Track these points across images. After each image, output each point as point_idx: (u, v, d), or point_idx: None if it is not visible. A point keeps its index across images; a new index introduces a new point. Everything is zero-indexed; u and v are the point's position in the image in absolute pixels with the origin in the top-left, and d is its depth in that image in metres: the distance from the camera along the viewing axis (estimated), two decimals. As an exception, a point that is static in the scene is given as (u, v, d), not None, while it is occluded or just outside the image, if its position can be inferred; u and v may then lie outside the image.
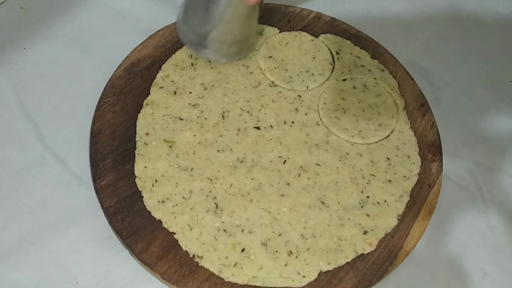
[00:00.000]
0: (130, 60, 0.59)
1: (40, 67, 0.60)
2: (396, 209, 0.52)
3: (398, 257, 0.50)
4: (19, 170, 0.54)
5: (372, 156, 0.55)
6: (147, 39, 0.60)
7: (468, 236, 0.54)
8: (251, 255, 0.48)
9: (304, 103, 0.57)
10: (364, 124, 0.56)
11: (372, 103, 0.58)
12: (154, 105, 0.56)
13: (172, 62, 0.59)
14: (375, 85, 0.59)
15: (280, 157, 0.54)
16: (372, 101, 0.58)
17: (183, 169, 0.52)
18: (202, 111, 0.56)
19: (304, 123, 0.56)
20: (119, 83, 0.57)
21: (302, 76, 0.59)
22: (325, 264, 0.49)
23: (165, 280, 0.47)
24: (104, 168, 0.52)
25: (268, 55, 0.60)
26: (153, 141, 0.54)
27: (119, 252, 0.50)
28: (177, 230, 0.49)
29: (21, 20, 0.63)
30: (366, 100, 0.58)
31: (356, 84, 0.59)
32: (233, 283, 0.47)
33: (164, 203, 0.50)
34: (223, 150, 0.54)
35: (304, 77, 0.59)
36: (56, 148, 0.55)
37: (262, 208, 0.51)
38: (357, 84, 0.59)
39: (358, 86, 0.59)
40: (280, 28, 0.63)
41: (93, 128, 0.54)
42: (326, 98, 0.58)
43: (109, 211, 0.50)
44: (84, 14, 0.65)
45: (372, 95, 0.58)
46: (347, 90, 0.58)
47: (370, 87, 0.59)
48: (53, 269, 0.49)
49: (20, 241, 0.50)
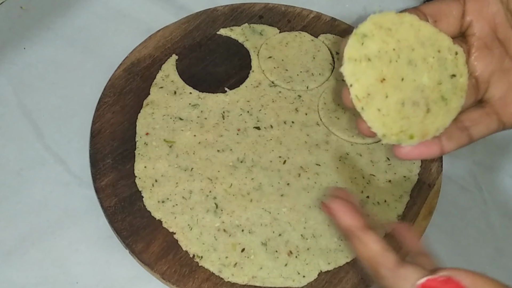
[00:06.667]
0: (130, 60, 0.59)
1: (40, 67, 0.60)
2: (396, 209, 0.52)
3: (398, 257, 0.50)
4: (19, 170, 0.54)
5: (372, 156, 0.55)
6: (147, 39, 0.60)
7: (468, 236, 0.54)
8: (251, 255, 0.48)
9: (304, 103, 0.57)
10: (364, 124, 0.56)
11: (372, 103, 0.58)
12: (154, 105, 0.56)
13: (172, 62, 0.59)
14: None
15: (280, 157, 0.54)
16: (372, 101, 0.58)
17: (183, 169, 0.52)
18: (202, 111, 0.56)
19: (304, 123, 0.56)
20: (119, 83, 0.57)
21: (302, 76, 0.59)
22: (325, 264, 0.49)
23: (165, 280, 0.47)
24: (104, 168, 0.52)
25: (268, 55, 0.60)
26: (153, 141, 0.54)
27: (119, 252, 0.50)
28: (177, 230, 0.49)
29: (21, 20, 0.63)
30: (366, 100, 0.58)
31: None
32: (233, 283, 0.47)
33: (164, 203, 0.50)
34: (223, 150, 0.54)
35: (304, 77, 0.59)
36: (56, 148, 0.55)
37: (262, 208, 0.51)
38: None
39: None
40: (280, 28, 0.63)
41: (93, 128, 0.54)
42: (326, 98, 0.58)
43: (109, 211, 0.50)
44: (84, 14, 0.65)
45: (372, 95, 0.58)
46: (347, 90, 0.58)
47: (370, 87, 0.59)
48: (53, 269, 0.49)
49: (20, 241, 0.50)
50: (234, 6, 0.64)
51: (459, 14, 0.33)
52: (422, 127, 0.32)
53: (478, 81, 0.33)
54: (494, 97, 0.33)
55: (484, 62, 0.33)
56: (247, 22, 0.63)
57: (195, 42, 0.61)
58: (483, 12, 0.33)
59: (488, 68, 0.33)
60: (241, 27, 0.62)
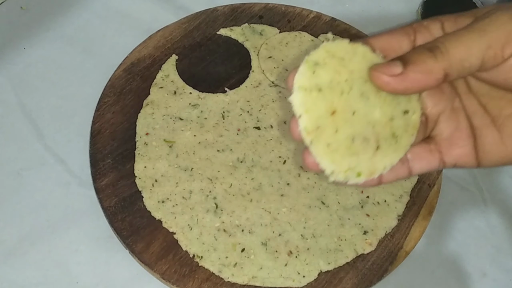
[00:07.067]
0: (130, 60, 0.59)
1: (40, 67, 0.60)
2: (396, 209, 0.52)
3: (398, 257, 0.50)
4: (19, 170, 0.54)
5: (372, 156, 0.55)
6: (147, 39, 0.60)
7: (468, 236, 0.54)
8: (251, 255, 0.48)
9: (304, 103, 0.57)
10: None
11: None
12: (154, 105, 0.56)
13: (172, 62, 0.59)
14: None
15: (280, 157, 0.54)
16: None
17: (183, 169, 0.52)
18: (202, 111, 0.56)
19: (304, 123, 0.56)
20: (119, 83, 0.57)
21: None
22: (325, 264, 0.49)
23: (165, 280, 0.47)
24: (104, 168, 0.52)
25: (268, 55, 0.60)
26: (153, 141, 0.54)
27: (119, 252, 0.50)
28: (177, 230, 0.49)
29: (21, 20, 0.63)
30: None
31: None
32: (233, 283, 0.47)
33: (164, 203, 0.50)
34: (223, 150, 0.54)
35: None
36: (56, 148, 0.55)
37: (262, 208, 0.51)
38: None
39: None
40: (280, 28, 0.63)
41: (93, 128, 0.54)
42: (326, 98, 0.57)
43: (109, 211, 0.50)
44: (84, 14, 0.65)
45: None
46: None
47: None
48: (53, 269, 0.49)
49: (20, 241, 0.50)
50: (234, 6, 0.64)
51: (409, 50, 0.31)
52: (370, 164, 0.30)
53: (427, 118, 0.32)
54: (441, 135, 0.33)
55: (434, 99, 0.32)
56: (247, 22, 0.63)
57: (195, 42, 0.61)
58: None
59: (437, 106, 0.32)
60: (241, 27, 0.62)
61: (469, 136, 0.32)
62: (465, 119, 0.32)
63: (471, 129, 0.32)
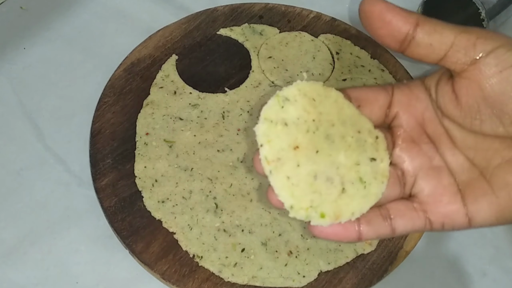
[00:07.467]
0: (130, 60, 0.59)
1: (40, 67, 0.60)
2: (396, 209, 0.52)
3: (398, 257, 0.50)
4: (19, 170, 0.54)
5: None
6: (147, 39, 0.60)
7: (468, 236, 0.54)
8: (251, 255, 0.49)
9: (304, 103, 0.57)
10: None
11: (372, 103, 0.58)
12: (154, 105, 0.56)
13: (172, 62, 0.59)
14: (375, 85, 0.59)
15: (280, 157, 0.54)
16: (372, 101, 0.58)
17: (183, 169, 0.52)
18: (202, 111, 0.56)
19: (304, 123, 0.56)
20: (119, 83, 0.57)
21: (302, 76, 0.59)
22: (325, 264, 0.49)
23: (165, 280, 0.47)
24: (104, 168, 0.52)
25: (268, 55, 0.60)
26: (153, 141, 0.54)
27: (119, 252, 0.50)
28: (177, 230, 0.49)
29: (21, 20, 0.63)
30: (366, 100, 0.58)
31: (356, 84, 0.59)
32: (233, 283, 0.47)
33: (164, 203, 0.50)
34: (223, 150, 0.54)
35: (304, 77, 0.58)
36: (56, 148, 0.55)
37: (262, 208, 0.51)
38: (357, 84, 0.59)
39: (358, 86, 0.59)
40: (280, 28, 0.63)
41: (93, 128, 0.54)
42: (326, 98, 0.57)
43: (109, 211, 0.50)
44: (84, 14, 0.65)
45: (372, 95, 0.58)
46: (347, 90, 0.58)
47: (370, 87, 0.59)
48: (53, 269, 0.49)
49: (20, 241, 0.50)
50: (234, 6, 0.64)
51: (385, 104, 0.31)
52: (335, 207, 0.29)
53: (404, 173, 0.31)
54: (422, 192, 0.31)
55: (410, 155, 0.31)
56: (247, 22, 0.63)
57: (195, 42, 0.61)
58: (410, 106, 0.31)
59: (414, 162, 0.31)
60: (241, 27, 0.62)
61: (455, 193, 0.30)
62: (449, 176, 0.31)
63: (457, 186, 0.31)
